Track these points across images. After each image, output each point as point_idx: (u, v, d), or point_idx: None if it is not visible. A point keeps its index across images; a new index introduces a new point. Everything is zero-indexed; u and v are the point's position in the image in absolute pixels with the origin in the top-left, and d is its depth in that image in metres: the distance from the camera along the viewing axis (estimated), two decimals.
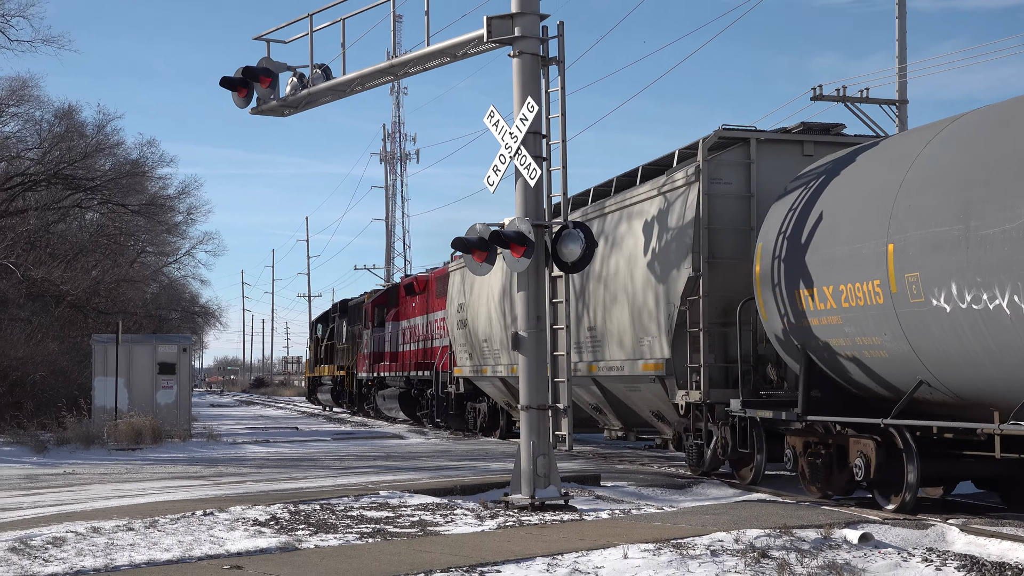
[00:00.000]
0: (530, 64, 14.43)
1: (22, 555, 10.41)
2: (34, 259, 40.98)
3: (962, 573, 9.70)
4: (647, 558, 9.92)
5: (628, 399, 20.01)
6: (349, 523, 12.38)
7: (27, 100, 46.36)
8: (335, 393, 51.74)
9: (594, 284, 20.47)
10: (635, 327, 18.66)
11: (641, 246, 18.55)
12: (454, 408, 31.80)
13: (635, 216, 19.15)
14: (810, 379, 14.39)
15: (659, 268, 17.71)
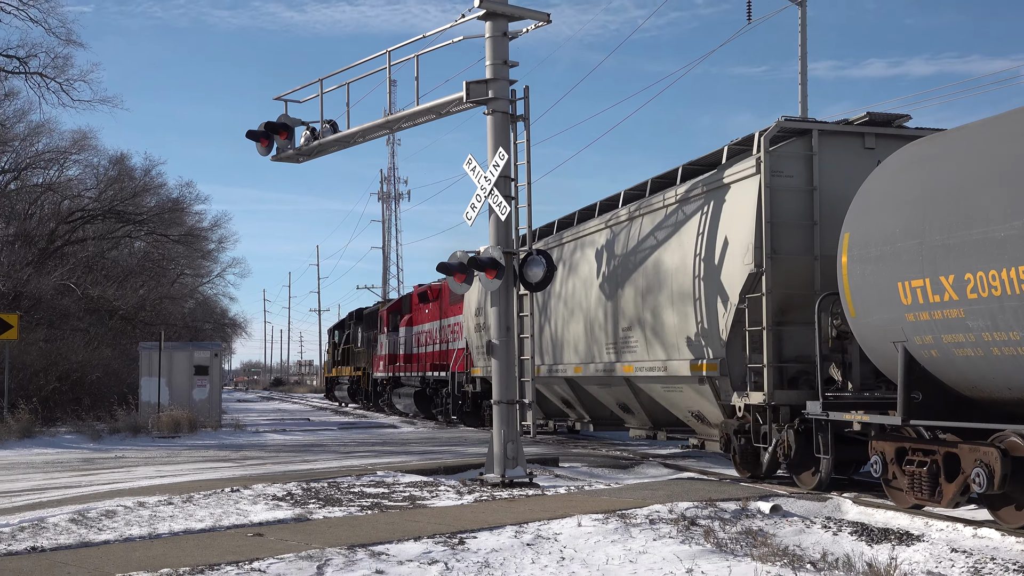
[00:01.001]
0: (501, 121, 14.49)
1: (80, 525, 10.36)
2: (91, 280, 40.87)
3: (853, 536, 9.75)
4: (597, 526, 9.93)
5: (665, 399, 16.73)
6: (352, 498, 12.35)
7: (87, 149, 46.68)
8: (351, 391, 49.33)
9: (627, 285, 17.37)
10: (679, 327, 15.49)
11: (686, 245, 15.38)
12: (470, 406, 28.96)
13: (677, 216, 16.01)
14: (910, 380, 10.96)
15: (711, 266, 14.60)
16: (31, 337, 29.89)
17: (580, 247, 19.78)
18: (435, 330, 32.52)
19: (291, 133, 17.61)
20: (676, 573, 7.97)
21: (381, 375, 40.23)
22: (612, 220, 18.29)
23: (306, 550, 8.75)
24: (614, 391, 18.45)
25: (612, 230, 18.23)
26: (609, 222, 18.41)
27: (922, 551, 8.97)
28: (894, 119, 14.12)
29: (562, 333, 20.30)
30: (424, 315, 34.21)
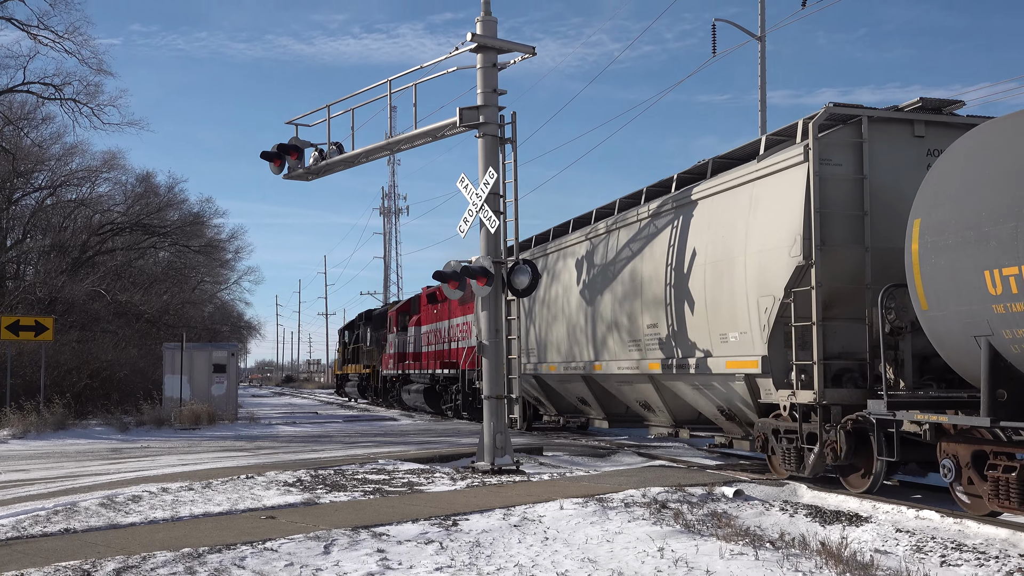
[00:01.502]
0: (491, 143, 14.51)
1: (109, 508, 10.34)
2: (120, 287, 40.83)
3: (808, 518, 9.78)
4: (577, 509, 9.95)
5: (692, 397, 14.92)
6: (356, 484, 12.34)
7: (116, 168, 46.77)
8: (360, 387, 47.54)
9: (653, 281, 15.37)
10: (712, 323, 13.61)
11: (724, 237, 13.50)
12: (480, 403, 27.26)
13: (712, 208, 14.02)
14: (995, 377, 9.09)
15: (751, 260, 12.78)
16: (65, 338, 29.80)
17: (608, 241, 17.52)
18: (444, 329, 31.18)
19: (301, 154, 17.60)
20: (649, 551, 7.99)
21: (390, 372, 38.60)
22: (635, 218, 16.38)
23: (314, 531, 8.76)
24: (637, 389, 16.61)
25: (639, 225, 16.27)
26: (630, 221, 16.55)
27: (870, 531, 9.01)
28: (945, 105, 12.42)
29: (580, 330, 18.35)
30: (432, 315, 32.72)
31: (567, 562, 7.67)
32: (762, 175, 12.79)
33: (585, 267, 17.71)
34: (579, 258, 18.53)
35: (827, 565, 7.32)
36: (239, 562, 7.59)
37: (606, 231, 17.44)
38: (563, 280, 19.04)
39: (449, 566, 7.52)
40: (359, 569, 7.37)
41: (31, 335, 25.39)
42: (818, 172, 11.60)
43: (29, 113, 39.15)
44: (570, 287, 18.60)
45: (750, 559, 7.61)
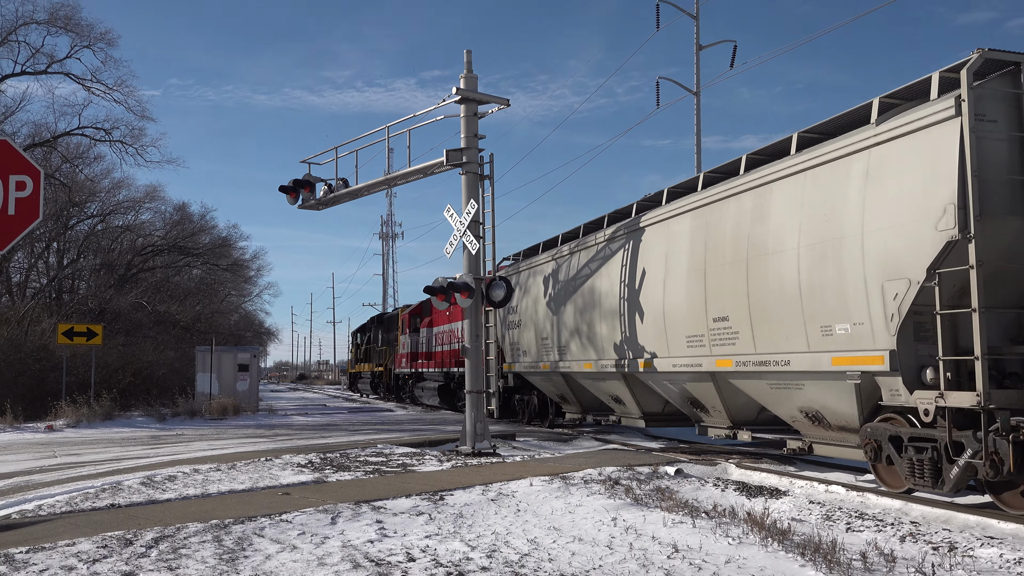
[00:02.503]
0: (472, 179, 14.51)
1: (148, 487, 10.19)
2: (159, 299, 40.56)
3: (737, 492, 9.79)
4: (544, 485, 9.91)
5: (768, 397, 11.21)
6: (358, 465, 12.24)
7: (156, 199, 46.72)
8: (373, 384, 44.10)
9: (724, 267, 11.61)
10: (811, 314, 9.85)
11: (826, 215, 9.75)
12: (501, 400, 22.86)
13: (803, 185, 10.22)
14: None
15: (872, 239, 9.15)
16: (112, 343, 29.51)
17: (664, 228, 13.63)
18: (457, 329, 28.11)
19: (313, 188, 17.56)
20: (604, 521, 7.97)
21: (404, 371, 35.41)
22: (696, 203, 12.58)
23: (323, 505, 8.67)
24: (693, 387, 12.99)
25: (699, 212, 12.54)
26: (690, 208, 12.77)
27: (788, 503, 9.03)
28: None
29: (624, 327, 14.63)
30: (444, 317, 29.34)
31: (536, 530, 7.63)
32: (886, 139, 9.20)
33: (628, 266, 14.47)
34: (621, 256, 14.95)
35: (752, 532, 7.31)
36: (259, 531, 7.50)
37: (673, 214, 13.28)
38: (604, 276, 15.38)
39: (437, 534, 7.46)
40: (360, 537, 7.30)
41: (83, 340, 25.13)
42: (974, 129, 8.20)
43: (83, 153, 38.95)
44: (613, 282, 15.00)
45: (688, 527, 7.60)
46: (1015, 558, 6.56)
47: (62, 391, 24.54)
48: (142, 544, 7.01)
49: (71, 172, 37.71)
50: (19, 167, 5.74)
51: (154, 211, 47.36)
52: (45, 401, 24.45)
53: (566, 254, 17.21)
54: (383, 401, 39.46)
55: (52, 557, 6.58)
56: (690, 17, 27.10)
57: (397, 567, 6.29)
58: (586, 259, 16.33)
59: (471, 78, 14.64)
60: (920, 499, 9.09)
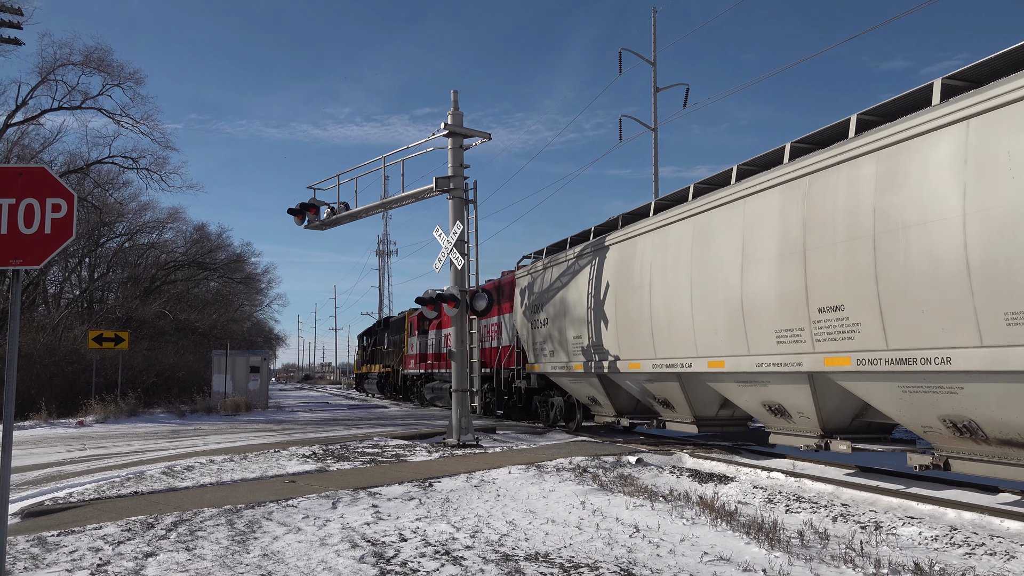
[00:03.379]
0: (458, 204, 14.49)
1: (168, 475, 10.04)
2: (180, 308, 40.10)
3: (691, 478, 9.78)
4: (521, 473, 9.86)
5: (901, 402, 8.24)
6: (356, 456, 12.13)
7: (178, 220, 46.20)
8: (380, 385, 40.34)
9: (831, 248, 8.83)
10: (986, 300, 6.95)
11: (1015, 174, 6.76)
12: (522, 401, 19.88)
13: (980, 132, 7.16)
14: None
15: None
16: (137, 347, 29.13)
17: (738, 209, 10.56)
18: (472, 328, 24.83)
19: (318, 210, 17.48)
20: (574, 504, 7.94)
21: (412, 372, 32.18)
22: (786, 176, 9.66)
23: (324, 491, 8.57)
24: (778, 391, 10.10)
25: (792, 186, 9.55)
26: (778, 181, 9.81)
27: (735, 488, 9.04)
28: None
29: (687, 326, 11.58)
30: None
31: (514, 513, 7.59)
32: None
33: (690, 255, 11.61)
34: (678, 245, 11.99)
35: (704, 513, 7.31)
36: (268, 515, 7.39)
37: (752, 191, 10.29)
38: (673, 268, 12.07)
39: (426, 516, 7.40)
40: (358, 520, 7.22)
41: (112, 345, 24.81)
42: None
43: (113, 179, 38.55)
44: (681, 276, 11.85)
45: (648, 509, 7.59)
46: (932, 535, 6.59)
47: (92, 390, 24.20)
48: (162, 527, 6.89)
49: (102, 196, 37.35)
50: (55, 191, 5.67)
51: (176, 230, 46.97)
52: (76, 400, 24.11)
53: (605, 246, 14.25)
54: (390, 401, 36.42)
55: (81, 539, 6.46)
56: (648, 63, 27.29)
57: (391, 546, 6.22)
58: (630, 251, 13.39)
59: (457, 115, 14.65)
60: (849, 483, 9.13)
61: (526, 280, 18.30)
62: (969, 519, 7.36)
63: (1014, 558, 5.85)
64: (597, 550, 6.09)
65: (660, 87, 27.15)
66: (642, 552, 6.01)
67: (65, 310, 33.41)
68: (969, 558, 5.94)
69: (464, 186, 14.55)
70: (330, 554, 6.00)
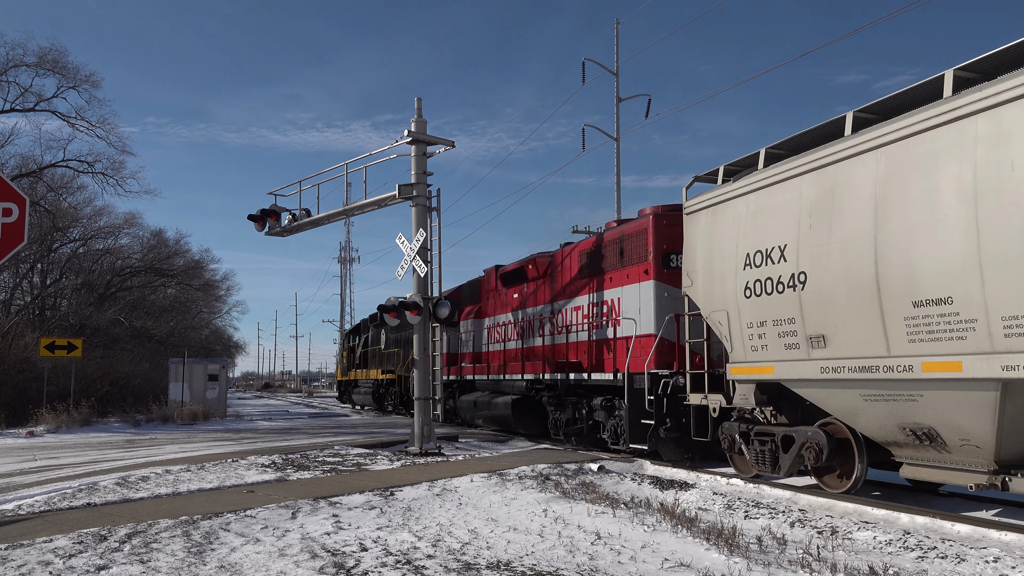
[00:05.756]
0: (421, 211, 14.44)
1: (122, 486, 9.82)
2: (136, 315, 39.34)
3: (652, 485, 9.84)
4: (484, 481, 9.83)
5: None
6: (317, 464, 11.98)
7: (135, 225, 45.48)
8: (377, 396, 31.00)
9: None
10: None
11: None
12: (707, 433, 10.76)
13: None
14: None
15: None
16: (91, 355, 28.45)
17: None
18: (537, 318, 16.90)
19: (279, 217, 17.26)
20: (536, 512, 7.93)
21: None
22: None
23: (284, 501, 8.45)
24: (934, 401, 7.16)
25: None
26: None
27: (695, 494, 9.12)
28: None
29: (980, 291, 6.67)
30: (510, 301, 18.44)
31: (476, 521, 7.56)
32: None
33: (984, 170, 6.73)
34: None
35: (665, 520, 7.36)
36: (225, 526, 7.26)
37: None
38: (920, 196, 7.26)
39: (387, 526, 7.33)
40: (318, 529, 7.13)
41: (64, 352, 24.21)
42: None
43: (67, 183, 37.68)
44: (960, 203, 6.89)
45: (610, 516, 7.62)
46: (886, 539, 6.72)
47: (43, 400, 23.55)
48: (116, 540, 6.73)
49: (55, 200, 36.48)
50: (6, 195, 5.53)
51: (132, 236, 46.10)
52: (27, 409, 23.42)
53: (813, 167, 8.51)
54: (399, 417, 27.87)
55: (30, 553, 6.27)
56: (611, 73, 27.55)
57: (351, 556, 6.15)
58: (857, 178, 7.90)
59: (421, 122, 14.63)
60: (804, 489, 9.27)
61: (706, 215, 10.37)
62: (922, 523, 7.52)
63: (964, 561, 5.99)
64: (559, 558, 6.10)
65: (622, 97, 27.44)
66: (603, 559, 6.03)
67: (16, 317, 32.51)
68: (922, 561, 6.06)
69: (427, 193, 14.52)
70: (289, 565, 5.91)
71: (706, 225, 10.41)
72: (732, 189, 9.97)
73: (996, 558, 5.97)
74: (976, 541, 6.78)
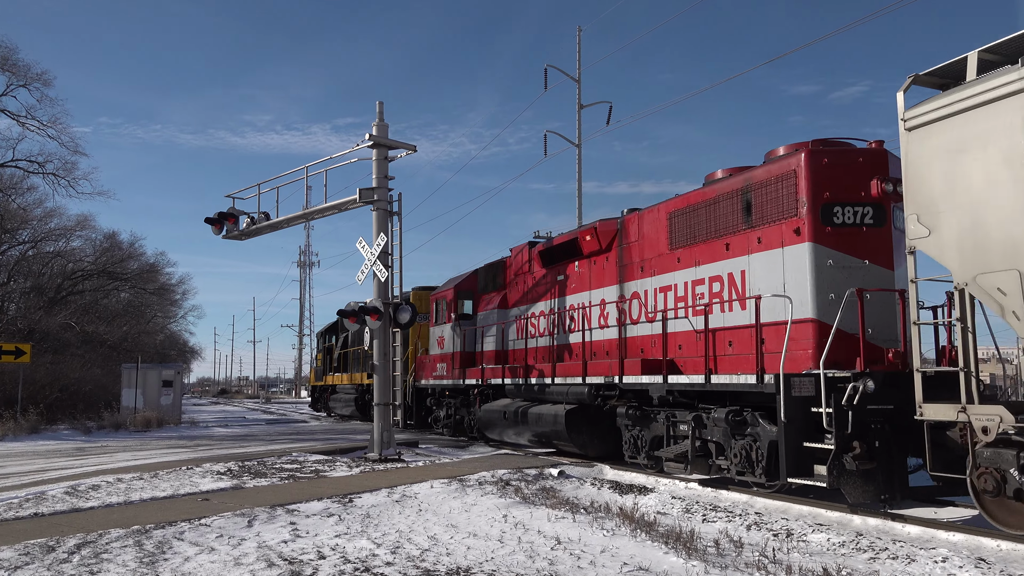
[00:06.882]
0: (382, 215, 14.36)
1: (72, 495, 9.56)
2: (87, 320, 38.26)
3: (611, 490, 9.90)
4: (444, 487, 9.79)
5: None
6: (274, 472, 11.81)
7: (87, 227, 44.17)
8: (361, 403, 26.30)
9: None
10: None
11: None
12: (943, 465, 7.38)
13: None
14: None
15: None
16: (40, 361, 27.66)
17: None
18: (598, 304, 13.06)
19: (237, 220, 17.04)
20: (496, 518, 7.92)
21: (445, 383, 18.71)
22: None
23: (240, 509, 8.31)
24: None
25: None
26: None
27: (654, 499, 9.19)
28: None
29: None
30: (554, 284, 14.70)
31: (436, 527, 7.52)
32: None
33: None
34: None
35: (624, 524, 7.40)
36: (179, 535, 7.11)
37: None
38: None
39: (346, 533, 7.25)
40: (275, 538, 7.02)
41: (11, 358, 23.50)
42: None
43: (17, 184, 36.68)
44: None
45: (570, 521, 7.63)
46: (839, 541, 6.85)
47: None
48: (64, 551, 6.54)
49: (4, 201, 35.53)
50: None
51: (85, 238, 44.87)
52: None
53: None
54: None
55: None
56: (573, 80, 27.74)
57: (309, 564, 6.07)
58: None
59: (382, 126, 14.56)
60: (762, 492, 9.40)
61: (973, 124, 7.20)
62: (874, 524, 7.68)
63: (914, 561, 6.13)
64: (519, 563, 6.09)
65: (584, 104, 27.62)
66: (563, 564, 6.04)
67: None
68: (874, 562, 6.19)
69: (388, 198, 14.44)
70: (245, 574, 5.81)
71: (957, 141, 7.22)
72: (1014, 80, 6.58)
73: (944, 558, 6.12)
74: (926, 542, 6.94)
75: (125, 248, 47.86)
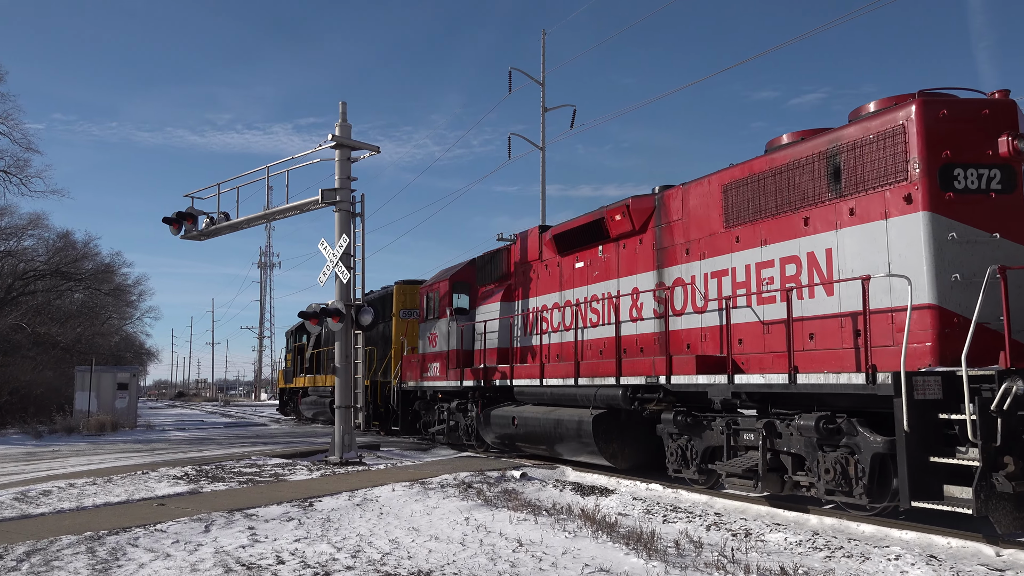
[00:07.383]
0: (345, 217, 14.25)
1: (22, 501, 9.30)
2: (39, 321, 37.24)
3: (573, 492, 9.94)
4: (405, 490, 9.75)
5: None
6: (233, 476, 11.64)
7: (39, 227, 42.97)
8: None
9: None
10: None
11: None
12: None
13: None
14: None
15: None
16: None
17: None
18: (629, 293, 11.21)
19: (195, 220, 16.72)
20: (458, 521, 7.90)
21: (440, 384, 16.50)
22: None
23: (197, 514, 8.17)
24: None
25: None
26: None
27: (615, 500, 9.25)
28: None
29: None
30: (572, 272, 12.74)
31: (397, 531, 7.47)
32: None
33: None
34: None
35: (586, 526, 7.44)
36: (134, 541, 6.97)
37: None
38: None
39: (306, 537, 7.17)
40: (233, 543, 6.91)
41: None
42: None
43: None
44: None
45: (532, 523, 7.65)
46: (796, 540, 6.97)
47: None
48: (12, 558, 6.37)
49: None
50: None
51: (37, 238, 43.65)
52: None
53: None
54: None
55: None
56: (537, 84, 27.83)
57: (267, 570, 5.99)
58: None
59: (345, 127, 14.44)
60: (722, 493, 9.52)
61: None
62: (830, 524, 7.83)
63: (868, 559, 6.26)
64: (480, 566, 6.08)
65: (548, 107, 27.72)
66: (525, 567, 6.05)
67: None
68: (829, 560, 6.30)
69: (351, 199, 14.33)
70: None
71: None
72: None
73: (897, 555, 6.26)
74: (879, 540, 7.09)
75: (79, 248, 46.77)
